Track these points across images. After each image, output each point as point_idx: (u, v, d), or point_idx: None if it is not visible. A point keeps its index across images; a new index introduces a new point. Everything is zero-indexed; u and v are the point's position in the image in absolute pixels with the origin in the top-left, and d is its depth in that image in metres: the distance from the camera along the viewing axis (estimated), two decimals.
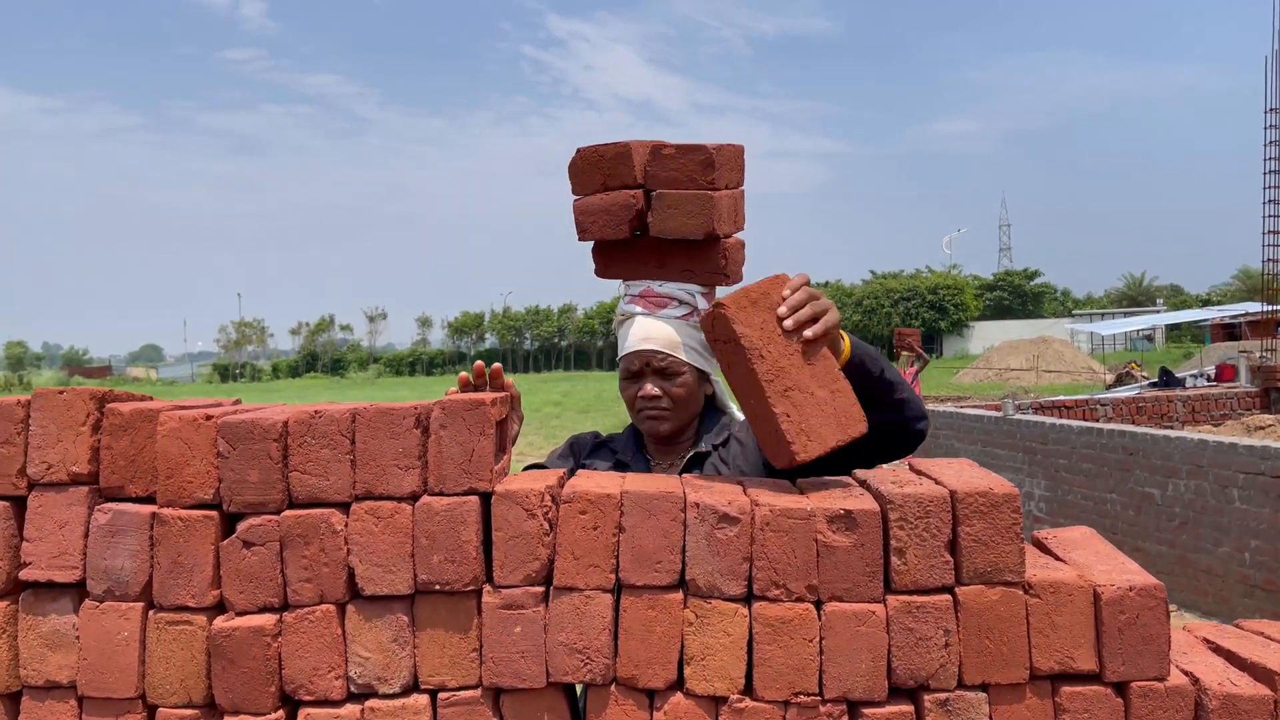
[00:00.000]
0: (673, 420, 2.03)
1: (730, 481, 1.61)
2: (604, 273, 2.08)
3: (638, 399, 2.02)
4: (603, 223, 1.96)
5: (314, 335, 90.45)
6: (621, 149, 1.95)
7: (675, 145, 1.94)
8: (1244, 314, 28.12)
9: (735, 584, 1.44)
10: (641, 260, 2.04)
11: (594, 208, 1.97)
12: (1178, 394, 11.62)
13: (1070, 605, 1.42)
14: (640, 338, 2.00)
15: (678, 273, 2.03)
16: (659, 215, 1.94)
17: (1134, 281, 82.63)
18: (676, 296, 2.02)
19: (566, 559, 1.46)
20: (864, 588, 1.43)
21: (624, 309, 2.07)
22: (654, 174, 1.95)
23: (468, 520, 1.45)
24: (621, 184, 1.95)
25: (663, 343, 1.99)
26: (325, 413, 1.48)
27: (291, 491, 1.48)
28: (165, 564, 1.47)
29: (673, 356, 1.99)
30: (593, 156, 1.96)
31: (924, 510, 1.42)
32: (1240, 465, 6.80)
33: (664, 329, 2.00)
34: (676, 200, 1.93)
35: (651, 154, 1.95)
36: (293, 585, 1.47)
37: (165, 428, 1.48)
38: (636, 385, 2.02)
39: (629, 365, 2.02)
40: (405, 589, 1.46)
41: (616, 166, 1.95)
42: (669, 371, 2.00)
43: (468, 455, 1.48)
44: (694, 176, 1.94)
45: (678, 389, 2.00)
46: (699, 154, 1.93)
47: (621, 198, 1.95)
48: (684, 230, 1.93)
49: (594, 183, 1.97)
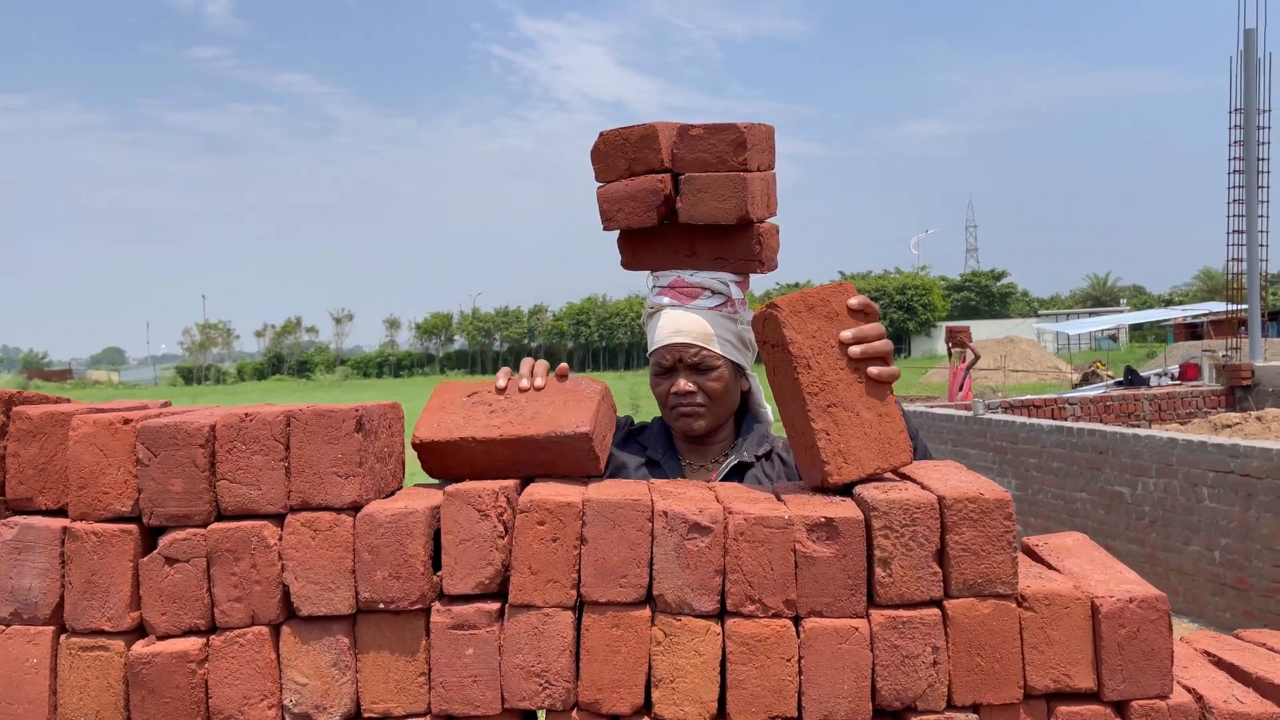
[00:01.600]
0: (708, 417, 1.92)
1: (701, 487, 1.49)
2: (631, 264, 1.97)
3: (670, 395, 1.92)
4: (629, 210, 1.85)
5: (280, 337, 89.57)
6: (647, 131, 1.84)
7: (703, 125, 1.83)
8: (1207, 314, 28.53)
9: (707, 599, 1.32)
10: (671, 249, 1.93)
11: (619, 194, 1.85)
12: (1144, 393, 11.68)
13: (1066, 619, 1.32)
14: (671, 330, 1.89)
15: (709, 261, 1.92)
16: (689, 200, 1.83)
17: (1098, 282, 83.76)
18: (709, 286, 1.91)
19: (523, 573, 1.33)
20: (846, 602, 1.32)
21: (653, 301, 1.96)
22: (681, 156, 1.84)
23: (414, 532, 1.33)
24: (648, 168, 1.85)
25: (695, 335, 1.88)
26: (257, 415, 1.35)
27: (220, 502, 1.34)
28: (78, 583, 1.33)
29: (706, 350, 1.89)
30: (616, 140, 1.85)
31: (910, 517, 1.31)
32: (1209, 464, 6.80)
33: (696, 320, 1.89)
34: (707, 183, 1.82)
35: (679, 135, 1.84)
36: (221, 605, 1.33)
37: (78, 433, 1.34)
38: (669, 381, 1.92)
39: (660, 360, 1.91)
40: (346, 608, 1.33)
41: (641, 150, 1.84)
42: (703, 366, 1.90)
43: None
44: (724, 157, 1.83)
45: (713, 384, 1.90)
46: (729, 133, 1.83)
47: (649, 182, 1.84)
48: (715, 215, 1.83)
49: (618, 168, 1.86)
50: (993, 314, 73.92)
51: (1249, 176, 12.14)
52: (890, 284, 71.90)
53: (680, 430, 1.93)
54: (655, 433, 2.01)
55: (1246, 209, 12.20)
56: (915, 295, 70.22)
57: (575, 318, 79.16)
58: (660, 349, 1.90)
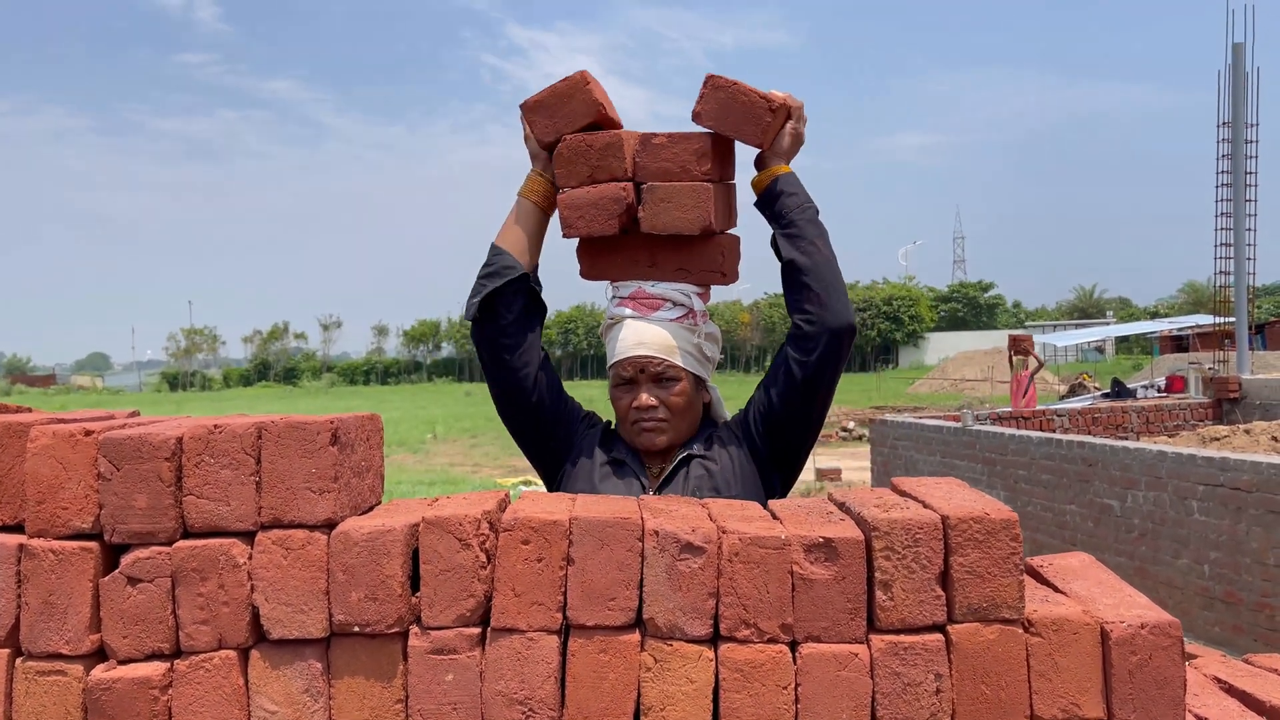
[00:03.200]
0: (670, 432, 1.88)
1: (694, 504, 1.43)
2: (590, 273, 1.93)
3: (631, 410, 1.86)
4: (590, 217, 1.81)
5: (267, 343, 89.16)
6: (611, 139, 1.80)
7: (666, 134, 1.80)
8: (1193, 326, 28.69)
9: (700, 623, 1.26)
10: (631, 259, 1.89)
11: (581, 201, 1.81)
12: (1132, 405, 11.68)
13: (1075, 645, 1.26)
14: (633, 342, 1.85)
15: (671, 272, 1.89)
16: (651, 209, 1.79)
17: (1084, 294, 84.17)
18: (670, 298, 1.87)
19: (506, 596, 1.27)
20: (845, 627, 1.26)
21: (613, 312, 1.91)
22: (644, 165, 1.81)
23: (391, 551, 1.26)
24: (610, 176, 1.81)
25: (657, 347, 1.84)
26: (226, 427, 1.28)
27: (186, 519, 1.27)
28: (35, 604, 1.26)
29: (668, 361, 1.84)
30: (580, 146, 1.81)
31: (913, 538, 1.25)
32: (1199, 477, 6.77)
33: (658, 332, 1.85)
34: (670, 193, 1.79)
35: (641, 144, 1.81)
36: (186, 628, 1.26)
37: (36, 445, 1.27)
38: (630, 395, 1.87)
39: (620, 372, 1.86)
40: (319, 631, 1.26)
41: (605, 157, 1.81)
42: (665, 378, 1.85)
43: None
44: (688, 167, 1.80)
45: (675, 398, 1.85)
46: (692, 142, 1.80)
47: (611, 190, 1.80)
48: (678, 225, 1.79)
49: (581, 174, 1.82)
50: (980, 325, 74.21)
51: (1236, 190, 12.18)
52: (878, 294, 72.11)
53: (642, 446, 1.89)
54: (619, 436, 1.96)
55: (1234, 222, 12.23)
56: (902, 306, 70.43)
57: (564, 326, 79.02)
58: (621, 361, 1.86)
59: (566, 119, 1.83)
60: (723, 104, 1.80)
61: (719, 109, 1.80)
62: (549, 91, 1.83)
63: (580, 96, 1.82)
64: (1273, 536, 6.20)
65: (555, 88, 1.83)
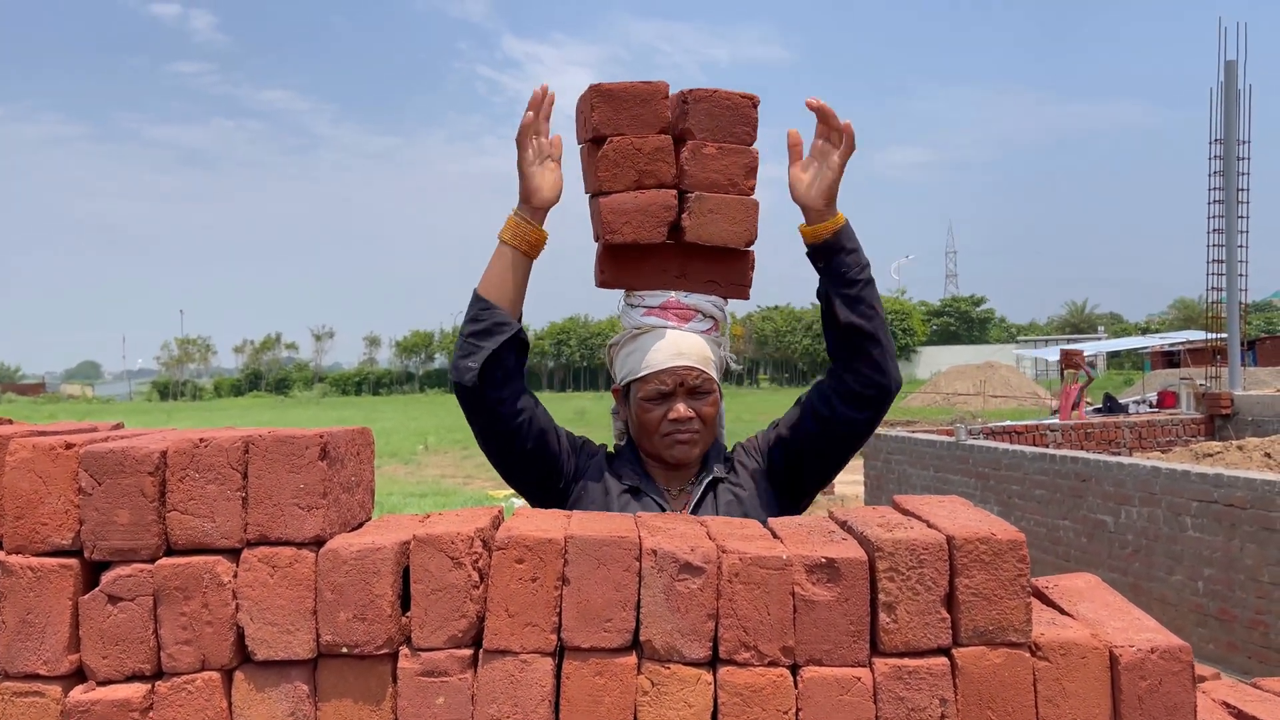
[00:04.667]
0: (703, 444, 1.86)
1: (692, 523, 1.39)
2: (613, 281, 1.88)
3: (665, 422, 1.82)
4: (638, 223, 1.77)
5: (259, 353, 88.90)
6: (661, 143, 1.77)
7: (717, 145, 1.78)
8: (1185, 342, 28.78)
9: (698, 645, 1.22)
10: (660, 268, 1.85)
11: (628, 206, 1.77)
12: (1124, 420, 11.68)
13: (1084, 670, 1.23)
14: (673, 353, 1.80)
15: (701, 283, 1.86)
16: (698, 219, 1.77)
17: (1076, 309, 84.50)
18: (702, 309, 1.85)
19: (500, 616, 1.23)
20: (848, 649, 1.22)
21: (640, 321, 1.85)
22: (692, 174, 1.78)
23: (381, 570, 1.22)
24: (658, 182, 1.78)
25: (697, 358, 1.81)
26: (212, 441, 1.24)
27: (169, 536, 1.23)
28: (12, 623, 1.22)
29: (706, 373, 1.82)
30: (628, 149, 1.77)
31: (917, 559, 1.22)
32: (1193, 493, 6.76)
33: (696, 342, 1.83)
34: (719, 204, 1.78)
35: (691, 152, 1.77)
36: (168, 649, 1.22)
37: (15, 458, 1.23)
38: (663, 407, 1.82)
39: (659, 385, 1.81)
40: (306, 653, 1.22)
41: (654, 162, 1.77)
42: (701, 390, 1.82)
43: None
44: (736, 180, 1.79)
45: (708, 408, 1.84)
46: (743, 156, 1.79)
47: (662, 197, 1.77)
48: (725, 237, 1.79)
49: (627, 178, 1.77)
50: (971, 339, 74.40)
51: (1229, 207, 12.22)
52: None
53: (675, 458, 1.84)
54: (628, 461, 1.91)
55: (1226, 239, 12.27)
56: (895, 320, 70.55)
57: (556, 337, 78.96)
58: (661, 372, 1.80)
59: (630, 120, 1.77)
60: (709, 113, 1.78)
61: (708, 119, 1.78)
62: (626, 86, 1.77)
63: (655, 105, 1.78)
64: (1266, 554, 6.18)
65: (634, 85, 1.77)
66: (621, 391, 1.92)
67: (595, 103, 1.78)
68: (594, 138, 1.80)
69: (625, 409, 1.93)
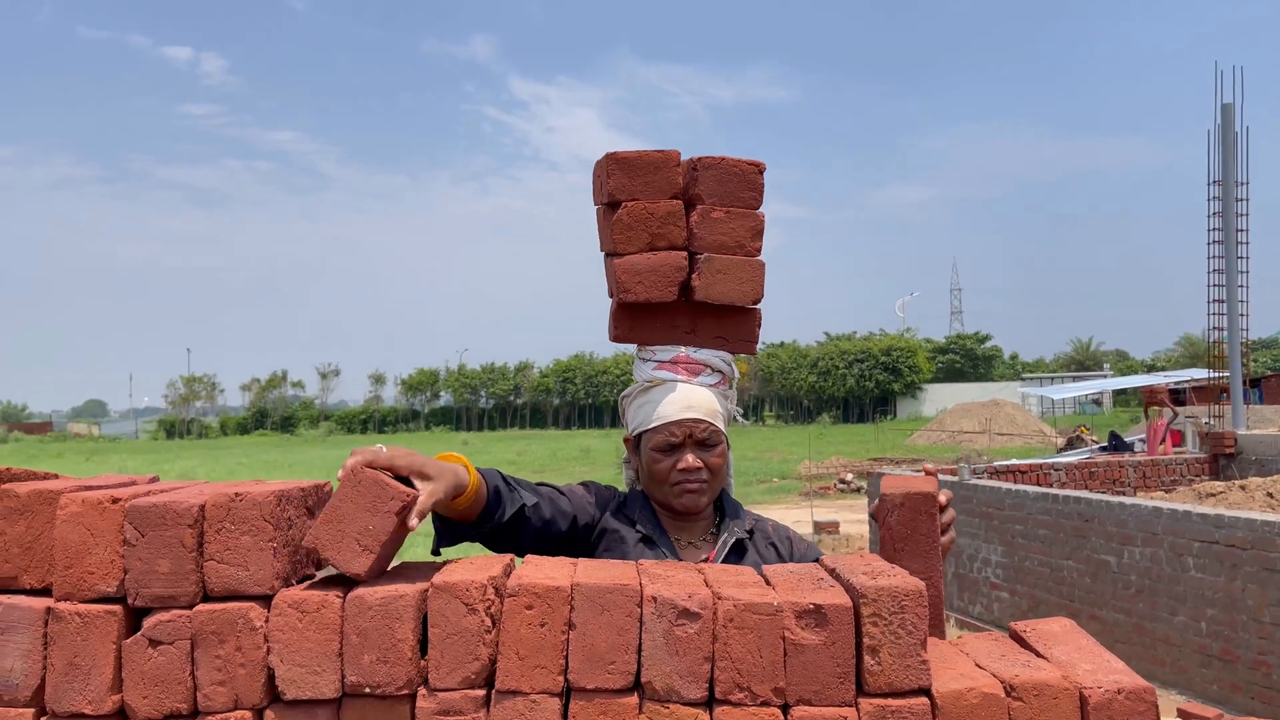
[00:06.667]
0: (710, 493, 1.94)
1: (690, 570, 1.49)
2: (627, 336, 1.98)
3: (674, 472, 1.90)
4: (650, 283, 1.88)
5: (265, 391, 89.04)
6: (673, 208, 1.88)
7: (725, 209, 1.89)
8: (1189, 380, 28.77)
9: (695, 687, 1.31)
10: (671, 324, 1.96)
11: (641, 267, 1.88)
12: (1128, 459, 11.71)
13: (1055, 709, 1.31)
14: (683, 405, 1.90)
15: (710, 339, 1.96)
16: (707, 279, 1.87)
17: (1081, 346, 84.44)
18: (711, 364, 1.95)
19: (510, 659, 1.32)
20: (835, 690, 1.31)
21: (653, 375, 1.95)
22: (702, 236, 1.88)
23: (403, 615, 1.32)
24: (669, 244, 1.89)
25: (705, 411, 1.91)
26: (246, 495, 1.35)
27: (206, 583, 1.33)
28: (60, 665, 1.31)
29: (714, 425, 1.91)
30: (641, 213, 1.88)
31: (899, 605, 1.32)
32: (1194, 533, 6.80)
33: (705, 395, 1.92)
34: (727, 265, 1.88)
35: (700, 216, 1.88)
36: (204, 689, 1.31)
37: (66, 512, 1.34)
38: (674, 457, 1.91)
39: (668, 437, 1.90)
40: (331, 692, 1.32)
41: (666, 225, 1.88)
42: (709, 442, 1.91)
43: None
44: (743, 242, 1.90)
45: (716, 459, 1.92)
46: (749, 220, 1.90)
47: (674, 258, 1.88)
48: (732, 296, 1.89)
49: (640, 240, 1.88)
50: (977, 377, 74.31)
51: (1229, 248, 12.34)
52: (875, 346, 72.32)
53: (684, 506, 1.92)
54: (640, 507, 1.99)
55: (1227, 279, 12.37)
56: (900, 357, 70.61)
57: (562, 375, 79.12)
58: (670, 424, 1.89)
59: (643, 186, 1.88)
60: (718, 180, 1.89)
61: (716, 185, 1.89)
62: (641, 155, 1.88)
63: (666, 172, 1.88)
64: (1268, 594, 6.21)
65: (648, 154, 1.88)
66: (633, 441, 2.01)
67: (612, 170, 1.89)
68: (609, 201, 1.91)
69: (636, 458, 2.01)
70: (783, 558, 1.97)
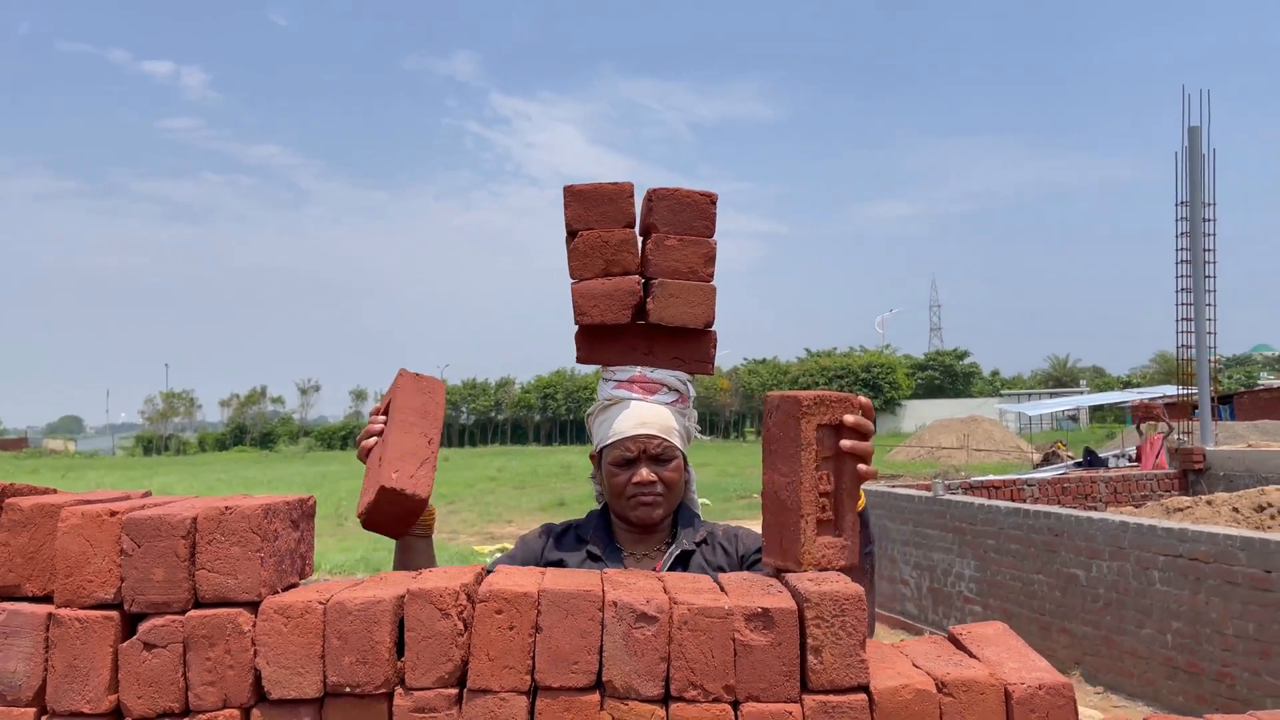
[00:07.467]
0: (665, 506, 2.04)
1: (651, 578, 1.60)
2: (589, 358, 2.10)
3: (630, 485, 2.01)
4: (604, 307, 1.99)
5: (244, 407, 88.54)
6: (627, 236, 2.00)
7: (678, 237, 2.00)
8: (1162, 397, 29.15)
9: (652, 685, 1.42)
10: (630, 346, 2.07)
11: (596, 292, 1.99)
12: (1101, 475, 11.91)
13: (982, 704, 1.43)
14: (636, 422, 2.01)
15: (668, 360, 2.07)
16: (661, 303, 1.98)
17: (1059, 363, 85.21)
18: (668, 383, 2.06)
19: (481, 660, 1.43)
20: (781, 687, 1.42)
21: (612, 394, 2.07)
22: (655, 262, 2.00)
23: (381, 620, 1.42)
24: (623, 270, 2.00)
25: (658, 427, 2.01)
26: (236, 509, 1.45)
27: (198, 591, 1.43)
28: (60, 667, 1.41)
29: (668, 441, 2.02)
30: (597, 241, 1.99)
31: (840, 608, 1.43)
32: (1159, 547, 6.96)
33: (661, 413, 2.03)
34: (679, 290, 1.99)
35: (655, 243, 2.00)
36: (195, 689, 1.41)
37: (67, 524, 1.43)
38: (629, 471, 2.02)
39: (624, 452, 2.01)
40: (314, 692, 1.41)
41: (620, 253, 1.99)
42: (664, 457, 2.02)
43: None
44: (695, 269, 2.01)
45: (671, 474, 2.03)
46: (701, 247, 2.01)
47: (626, 284, 1.99)
48: (684, 319, 1.99)
49: (596, 266, 2.00)
50: (956, 393, 74.79)
51: (1195, 267, 12.59)
52: (855, 362, 72.74)
53: (639, 519, 2.03)
54: (594, 526, 2.11)
55: (1194, 298, 12.62)
56: (880, 373, 71.03)
57: (543, 391, 79.10)
58: (625, 439, 2.01)
59: (599, 216, 2.00)
60: (672, 209, 2.02)
61: (670, 214, 2.02)
62: (595, 187, 2.00)
63: (620, 203, 2.00)
64: (1231, 607, 6.37)
65: (602, 186, 2.00)
66: (597, 457, 2.13)
67: (568, 201, 2.02)
68: (568, 231, 2.04)
69: (600, 473, 2.13)
70: (729, 554, 2.09)
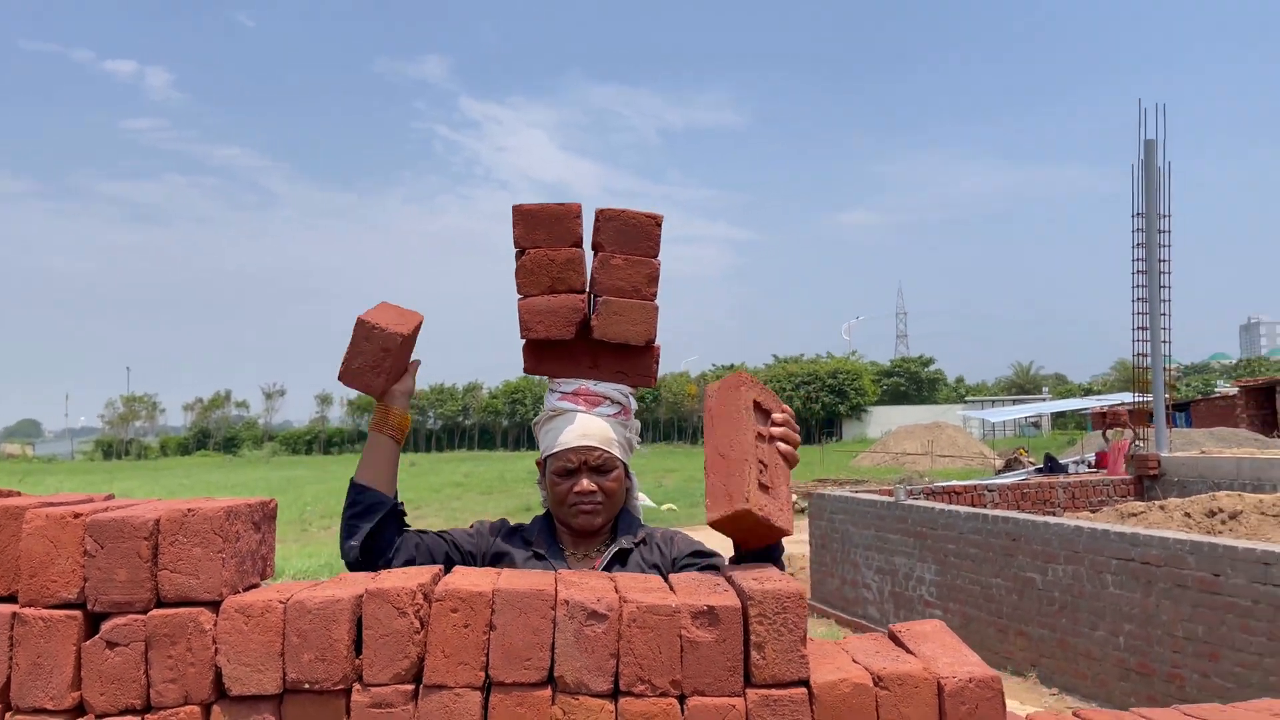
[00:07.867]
0: (604, 514, 2.11)
1: (603, 578, 1.66)
2: (535, 369, 2.16)
3: (571, 494, 2.08)
4: (549, 323, 2.05)
5: (208, 411, 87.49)
6: (572, 255, 2.06)
7: (624, 257, 2.06)
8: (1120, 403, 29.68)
9: (602, 680, 1.48)
10: (574, 359, 2.13)
11: (541, 308, 2.05)
12: (1059, 480, 12.12)
13: (916, 697, 1.50)
14: (579, 434, 2.07)
15: (611, 374, 2.14)
16: (604, 319, 2.05)
17: (1022, 370, 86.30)
18: (610, 396, 2.12)
19: (437, 657, 1.48)
20: (725, 682, 1.49)
21: (556, 405, 2.13)
22: (600, 281, 2.06)
23: (339, 618, 1.47)
24: (569, 288, 2.06)
25: (599, 439, 2.08)
26: (198, 511, 1.49)
27: (160, 590, 1.47)
28: (24, 665, 1.44)
29: (609, 453, 2.08)
30: (544, 260, 2.05)
31: (782, 606, 1.50)
32: (1112, 551, 7.12)
33: (601, 426, 2.09)
34: (622, 308, 2.06)
35: (601, 262, 2.06)
36: (156, 686, 1.45)
37: (31, 526, 1.47)
38: (571, 481, 2.08)
39: (566, 463, 2.08)
40: (274, 689, 1.46)
41: (566, 271, 2.05)
42: (604, 468, 2.08)
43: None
44: (638, 287, 2.07)
45: (611, 483, 2.10)
46: (644, 267, 2.07)
47: (571, 301, 2.05)
48: (627, 336, 2.06)
49: (542, 284, 2.06)
50: (921, 399, 75.54)
51: (1151, 278, 12.85)
52: (822, 368, 73.24)
53: (580, 526, 2.10)
54: (539, 529, 2.18)
55: (1150, 307, 12.88)
56: (846, 380, 71.58)
57: (511, 396, 78.90)
58: (566, 450, 2.08)
59: (546, 235, 2.06)
60: (618, 230, 2.08)
61: (616, 235, 2.08)
62: (542, 207, 2.06)
63: (567, 223, 2.06)
64: (1180, 609, 6.53)
65: (550, 207, 2.06)
66: (542, 464, 2.19)
67: (516, 220, 2.08)
68: (516, 249, 2.09)
69: (544, 480, 2.20)
70: (664, 554, 2.16)
